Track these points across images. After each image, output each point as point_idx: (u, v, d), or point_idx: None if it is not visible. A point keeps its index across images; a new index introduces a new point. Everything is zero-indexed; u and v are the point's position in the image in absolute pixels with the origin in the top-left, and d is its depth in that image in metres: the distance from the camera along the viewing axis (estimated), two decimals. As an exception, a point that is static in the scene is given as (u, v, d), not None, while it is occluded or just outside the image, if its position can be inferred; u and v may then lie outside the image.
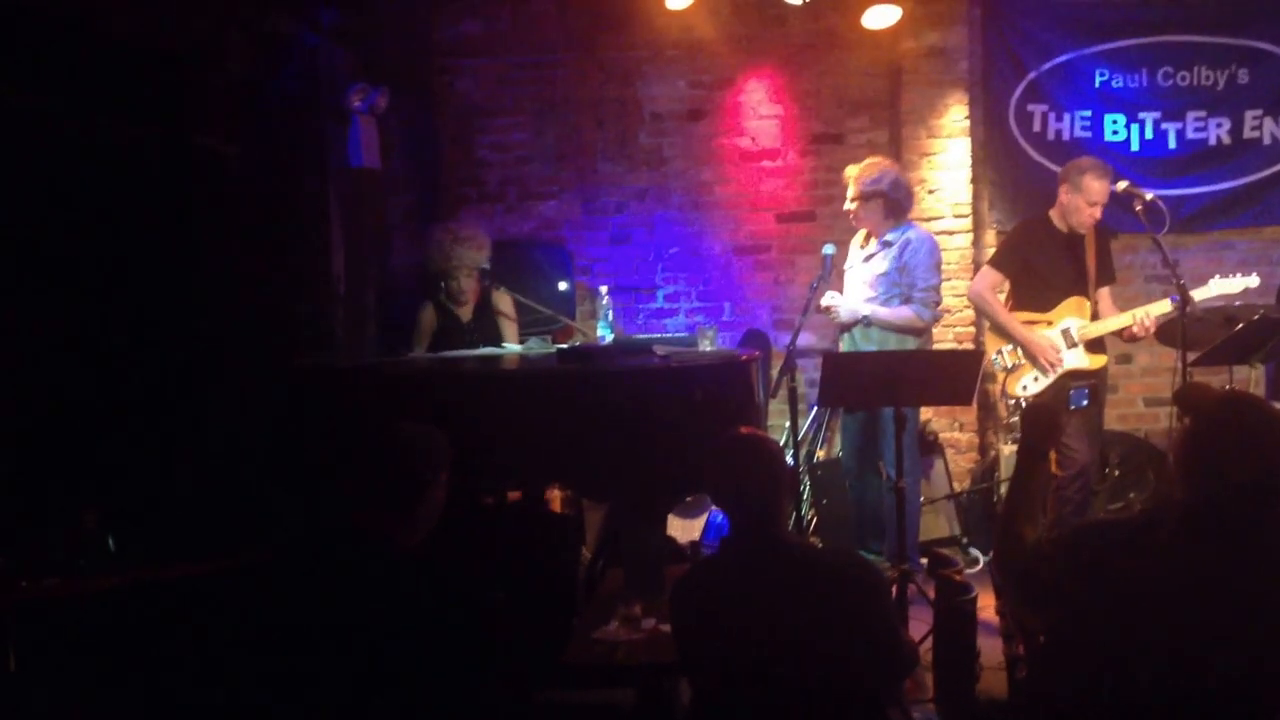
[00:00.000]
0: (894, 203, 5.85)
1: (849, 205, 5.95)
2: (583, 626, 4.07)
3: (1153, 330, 5.73)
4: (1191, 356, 5.54)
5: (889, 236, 5.88)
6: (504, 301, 6.06)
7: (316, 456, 4.47)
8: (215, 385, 5.00)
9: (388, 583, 2.97)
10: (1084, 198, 5.76)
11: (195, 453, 4.86)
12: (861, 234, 6.03)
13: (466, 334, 5.94)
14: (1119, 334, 5.83)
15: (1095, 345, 5.86)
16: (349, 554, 3.05)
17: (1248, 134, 7.19)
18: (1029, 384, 5.89)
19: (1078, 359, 5.82)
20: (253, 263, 5.23)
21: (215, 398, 4.99)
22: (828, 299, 5.87)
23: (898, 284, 5.83)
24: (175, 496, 4.68)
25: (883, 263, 5.87)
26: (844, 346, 5.97)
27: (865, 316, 5.82)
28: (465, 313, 5.98)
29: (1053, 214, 5.95)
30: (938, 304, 5.94)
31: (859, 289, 5.94)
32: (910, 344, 5.85)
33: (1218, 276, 5.73)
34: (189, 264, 5.02)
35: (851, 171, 5.97)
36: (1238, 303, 5.79)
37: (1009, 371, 5.94)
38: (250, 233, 5.27)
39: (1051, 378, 5.83)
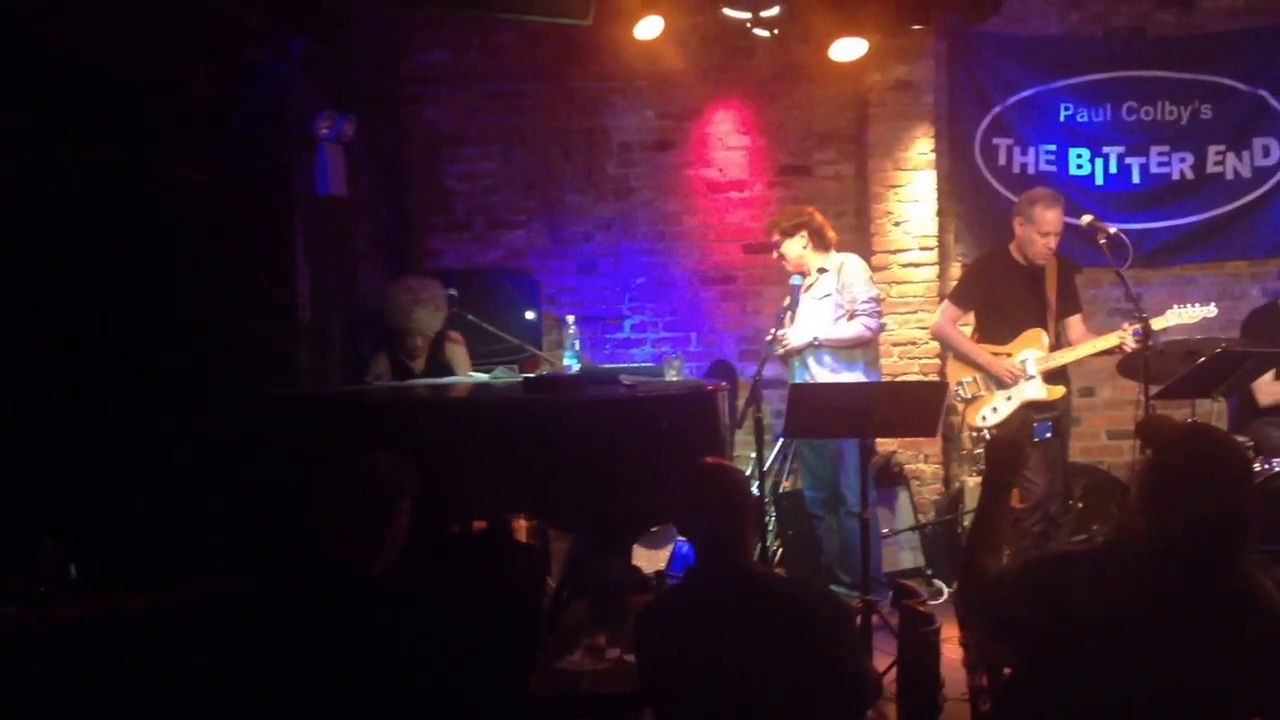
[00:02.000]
0: (816, 232, 6.02)
1: (776, 251, 6.10)
2: (547, 657, 4.05)
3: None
4: (1154, 390, 5.59)
5: (822, 263, 6.02)
6: (457, 354, 6.03)
7: (281, 485, 4.43)
8: (178, 413, 4.95)
9: (353, 611, 2.96)
10: (1036, 229, 5.84)
11: (158, 481, 4.81)
12: (800, 279, 6.04)
13: None
14: (1108, 352, 5.87)
15: (1055, 376, 5.91)
16: (314, 582, 3.03)
17: (1210, 169, 7.26)
18: (988, 414, 5.93)
19: (1037, 390, 5.87)
20: (217, 290, 5.19)
21: (178, 425, 4.94)
22: (772, 334, 5.91)
23: (841, 304, 5.94)
24: (138, 525, 4.63)
25: (824, 286, 6.00)
26: (796, 371, 6.00)
27: (816, 338, 5.87)
28: (418, 365, 5.95)
29: (1012, 247, 6.02)
30: (880, 314, 6.08)
31: (808, 317, 6.02)
32: (859, 356, 5.98)
33: (1176, 306, 5.78)
34: (153, 290, 4.98)
35: (771, 221, 6.20)
36: (1200, 335, 5.84)
37: (968, 402, 6.00)
38: (215, 260, 5.23)
39: (1013, 406, 5.87)
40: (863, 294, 5.94)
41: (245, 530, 4.41)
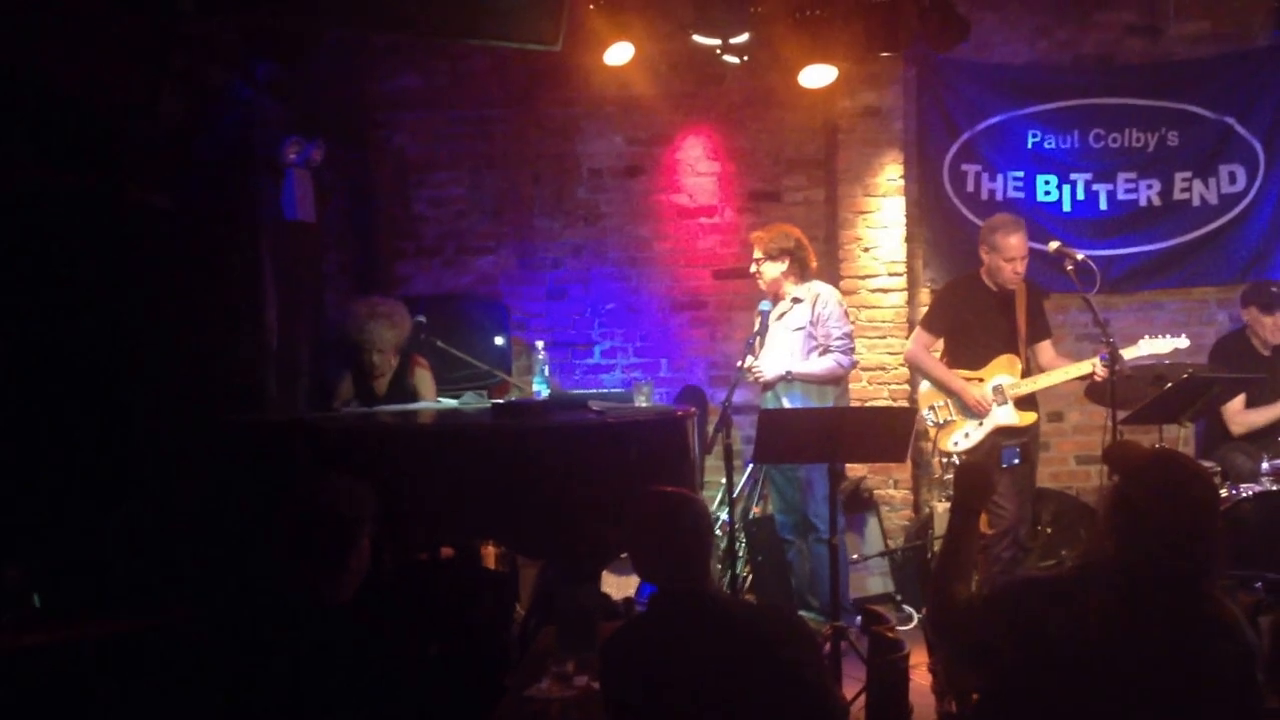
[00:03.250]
0: (799, 261, 6.00)
1: (756, 267, 6.07)
2: (515, 684, 4.02)
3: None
4: (1122, 415, 5.61)
5: (797, 293, 6.00)
6: (423, 380, 5.98)
7: (246, 512, 4.39)
8: (143, 439, 4.90)
9: (318, 639, 2.93)
10: (1001, 256, 5.87)
11: (123, 508, 4.76)
12: (768, 305, 6.04)
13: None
14: (1082, 379, 5.88)
15: (1026, 402, 5.93)
16: (279, 610, 3.00)
17: (1177, 196, 7.31)
18: (960, 440, 5.94)
19: (1008, 415, 5.88)
20: (183, 316, 5.15)
21: (143, 452, 4.90)
22: (747, 362, 5.91)
23: (814, 336, 5.93)
24: (103, 553, 4.57)
25: (797, 318, 5.97)
26: (768, 403, 5.99)
27: (788, 371, 5.86)
28: (380, 387, 5.90)
29: (982, 272, 6.05)
30: (853, 350, 6.06)
31: (777, 347, 6.00)
32: (830, 393, 5.99)
33: (1147, 337, 5.82)
34: (117, 317, 4.94)
35: (757, 235, 6.13)
36: (1167, 361, 5.87)
37: (940, 427, 6.01)
38: (181, 286, 5.20)
39: (984, 432, 5.88)
40: (837, 330, 5.94)
41: (210, 558, 4.36)
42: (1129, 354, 5.72)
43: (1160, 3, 7.30)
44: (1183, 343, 5.78)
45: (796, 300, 6.01)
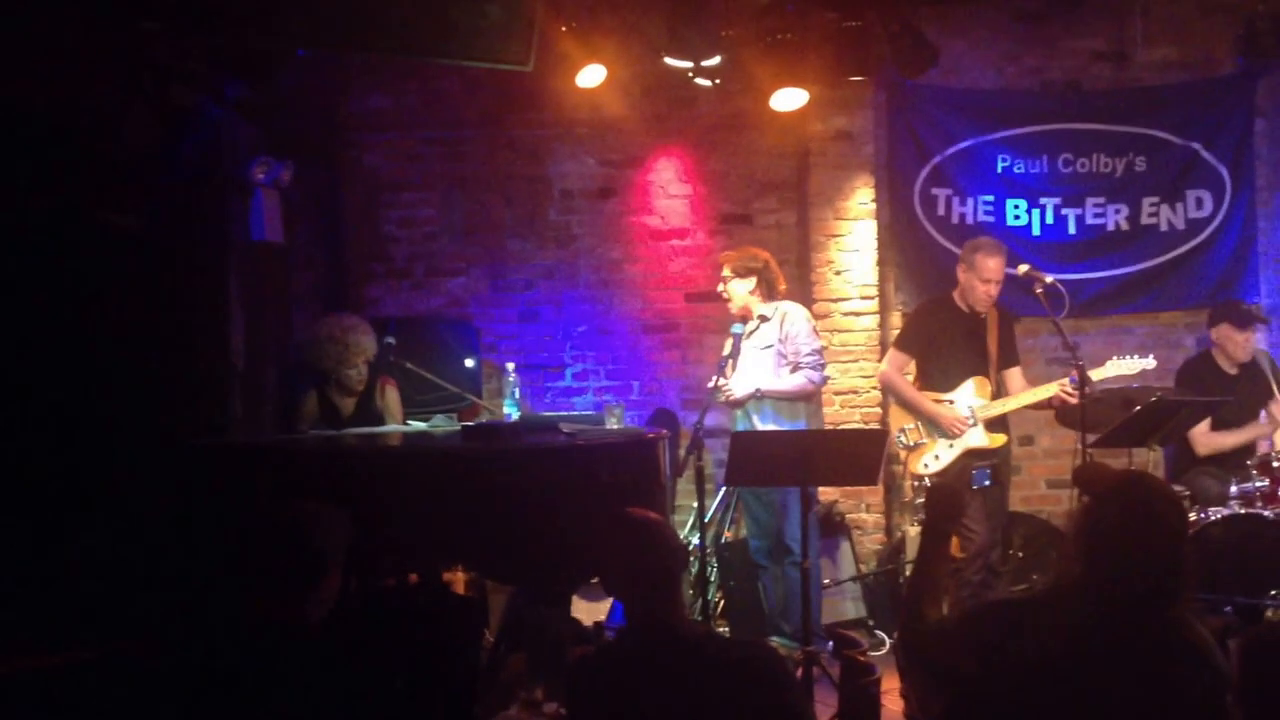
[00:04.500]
0: (767, 282, 6.01)
1: (723, 285, 6.07)
2: (484, 711, 3.97)
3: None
4: (1091, 438, 5.62)
5: (764, 311, 6.00)
6: (391, 401, 5.94)
7: (211, 537, 4.34)
8: (106, 463, 4.84)
9: (283, 668, 2.88)
10: (978, 275, 5.90)
11: (84, 534, 4.69)
12: (740, 327, 6.03)
13: (345, 429, 5.78)
14: (1047, 403, 5.89)
15: (996, 424, 5.95)
16: (243, 638, 2.95)
17: (1145, 220, 7.36)
18: (930, 461, 5.95)
19: (979, 438, 5.89)
20: (148, 338, 5.10)
21: (104, 476, 4.83)
22: (713, 382, 5.89)
23: (784, 354, 5.92)
24: (65, 580, 4.51)
25: (767, 336, 5.97)
26: (739, 422, 5.98)
27: (758, 389, 5.85)
28: (347, 407, 5.85)
29: (955, 295, 6.07)
30: (824, 366, 6.06)
31: (747, 366, 5.99)
32: (802, 410, 5.96)
33: (1115, 358, 5.84)
34: (80, 338, 4.88)
35: (726, 254, 6.16)
36: (1136, 385, 5.89)
37: (910, 450, 6.01)
38: (146, 307, 5.15)
39: (955, 454, 5.88)
40: (806, 346, 5.94)
41: (174, 584, 4.30)
42: (1098, 375, 5.75)
43: (1127, 30, 7.36)
44: (1150, 363, 5.81)
45: (764, 319, 6.01)
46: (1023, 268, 5.93)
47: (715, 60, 6.43)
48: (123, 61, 5.17)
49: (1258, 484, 5.62)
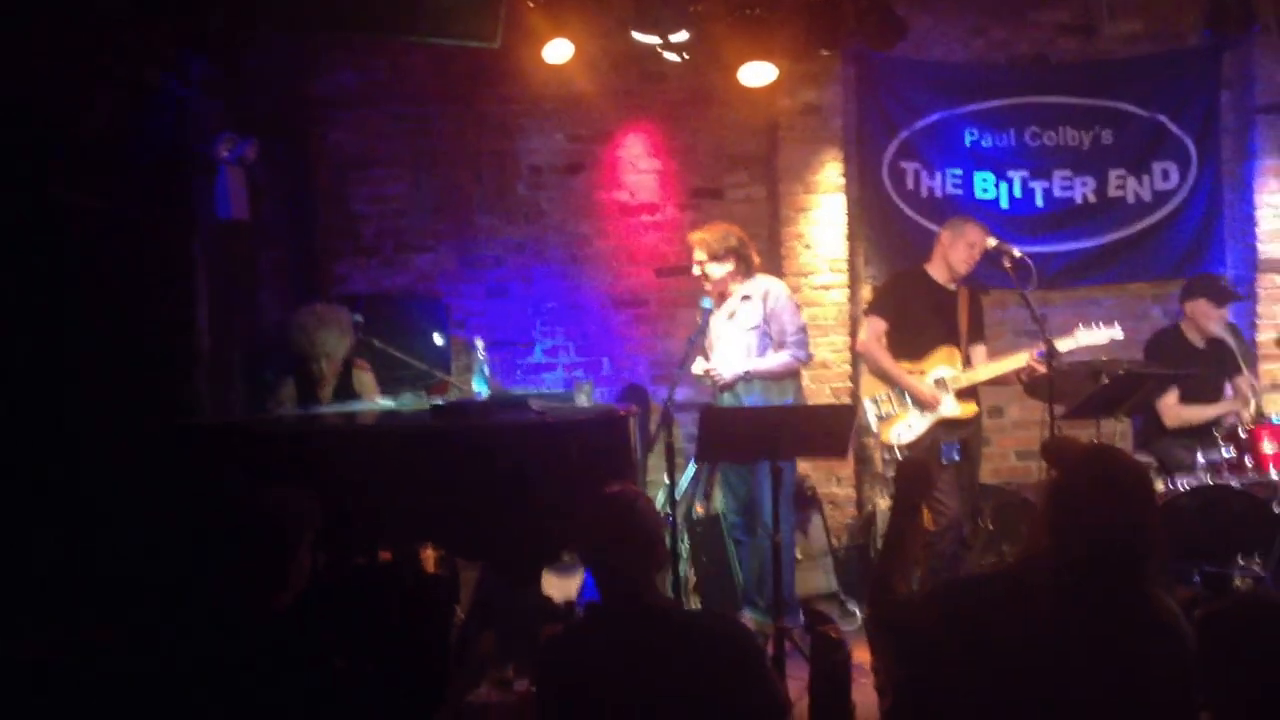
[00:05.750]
0: (744, 259, 5.98)
1: (700, 269, 5.98)
2: (455, 689, 3.97)
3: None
4: (1060, 410, 5.65)
5: (745, 290, 5.96)
6: (365, 382, 5.91)
7: (178, 520, 4.31)
8: (69, 445, 4.80)
9: (252, 651, 2.86)
10: (964, 239, 5.93)
11: (46, 518, 4.65)
12: (710, 302, 6.00)
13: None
14: (1015, 376, 5.92)
15: (967, 394, 5.97)
16: (215, 621, 2.93)
17: (1112, 193, 7.39)
18: (903, 431, 5.96)
19: (951, 407, 5.91)
20: (112, 317, 5.05)
21: (68, 458, 4.79)
22: (698, 366, 5.89)
23: (768, 333, 5.92)
24: (26, 564, 4.47)
25: (750, 316, 5.95)
26: (724, 404, 5.97)
27: (747, 371, 5.85)
28: (325, 394, 5.83)
29: (929, 267, 6.08)
30: (807, 344, 6.06)
31: (731, 347, 5.97)
32: (790, 388, 5.97)
33: (1082, 326, 5.86)
34: (43, 317, 4.83)
35: (699, 236, 6.04)
36: (1105, 357, 5.92)
37: (883, 420, 6.02)
38: (110, 286, 5.10)
39: (927, 424, 5.90)
40: (791, 325, 5.94)
41: (139, 569, 4.27)
42: (1067, 344, 5.77)
43: (1093, 3, 7.37)
44: (1118, 333, 5.84)
45: (746, 298, 5.98)
46: (991, 241, 5.94)
47: (683, 35, 6.39)
48: (87, 40, 5.10)
49: (1225, 454, 5.66)
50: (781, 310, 5.94)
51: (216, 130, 5.76)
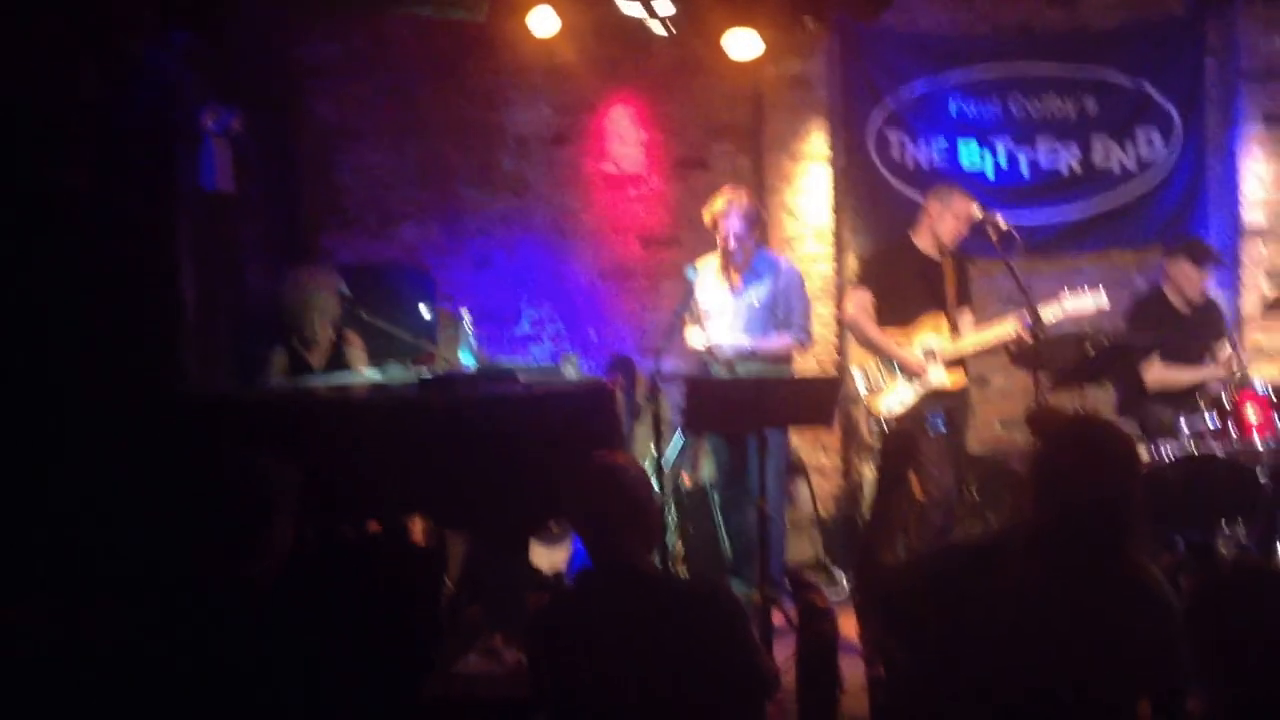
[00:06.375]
0: (762, 223, 6.04)
1: (735, 241, 5.86)
2: (444, 660, 3.99)
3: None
4: (1045, 380, 5.67)
5: (756, 266, 5.95)
6: (355, 355, 5.91)
7: (162, 489, 4.31)
8: (53, 415, 4.79)
9: (236, 619, 2.86)
10: (951, 210, 5.93)
11: (30, 487, 4.65)
12: (711, 267, 5.99)
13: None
14: (1001, 345, 5.93)
15: (955, 364, 5.98)
16: (197, 593, 2.93)
17: (1097, 161, 7.39)
18: (892, 402, 5.98)
19: (939, 377, 5.92)
20: (97, 288, 5.03)
21: (53, 428, 4.78)
22: (699, 340, 5.88)
23: (774, 313, 5.92)
24: (6, 534, 4.47)
25: (757, 294, 5.94)
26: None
27: (750, 350, 5.85)
28: (317, 360, 5.82)
29: (915, 238, 6.08)
30: (811, 328, 6.09)
31: (731, 322, 5.96)
32: (786, 368, 6.01)
33: (1068, 290, 5.87)
34: (27, 289, 4.82)
35: (720, 206, 5.90)
36: (1089, 327, 5.94)
37: (872, 390, 6.03)
38: (96, 259, 5.07)
39: (916, 394, 5.91)
40: (800, 307, 5.98)
41: (123, 537, 4.28)
42: (1053, 312, 5.77)
43: (1078, -29, 7.36)
44: (1104, 300, 5.85)
45: (755, 274, 5.97)
46: (978, 211, 5.94)
47: (669, 6, 6.37)
48: (68, 13, 5.07)
49: (1210, 422, 5.67)
50: (792, 294, 5.96)
51: (200, 102, 5.72)
